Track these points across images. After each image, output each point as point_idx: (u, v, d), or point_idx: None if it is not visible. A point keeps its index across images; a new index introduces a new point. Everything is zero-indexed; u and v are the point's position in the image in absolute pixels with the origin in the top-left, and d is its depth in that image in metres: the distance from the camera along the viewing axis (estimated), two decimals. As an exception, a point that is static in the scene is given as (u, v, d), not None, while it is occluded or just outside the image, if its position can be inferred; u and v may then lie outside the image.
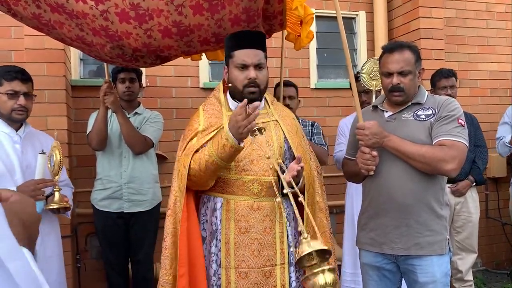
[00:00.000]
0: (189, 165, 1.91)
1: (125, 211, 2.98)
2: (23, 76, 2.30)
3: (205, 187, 1.99)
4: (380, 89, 3.24)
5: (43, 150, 2.26)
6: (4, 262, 0.68)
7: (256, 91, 1.98)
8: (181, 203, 1.95)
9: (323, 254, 1.57)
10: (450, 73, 3.43)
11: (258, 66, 1.98)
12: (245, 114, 1.72)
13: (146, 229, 3.05)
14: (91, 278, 3.59)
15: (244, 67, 1.96)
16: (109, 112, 3.08)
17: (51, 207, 2.24)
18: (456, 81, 3.45)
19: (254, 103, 1.78)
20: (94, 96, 3.63)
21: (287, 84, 3.22)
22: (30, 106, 2.35)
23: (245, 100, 1.77)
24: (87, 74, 3.80)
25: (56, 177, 2.27)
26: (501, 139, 3.55)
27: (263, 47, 2.04)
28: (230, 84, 2.00)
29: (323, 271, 1.53)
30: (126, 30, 2.24)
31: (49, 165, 2.28)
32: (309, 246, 1.55)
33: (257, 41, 2.02)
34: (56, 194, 2.26)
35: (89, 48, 2.51)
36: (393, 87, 2.04)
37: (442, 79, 3.42)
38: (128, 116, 2.99)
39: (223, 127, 1.86)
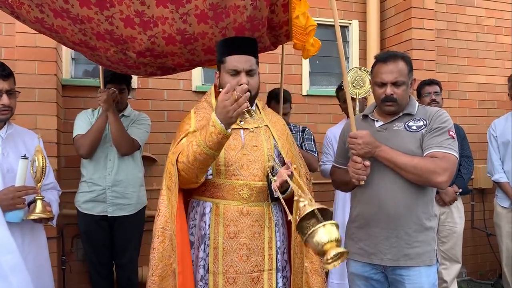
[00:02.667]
0: (177, 160, 1.88)
1: (108, 215, 2.95)
2: (3, 72, 2.11)
3: (194, 183, 1.94)
4: (363, 97, 3.29)
5: (25, 155, 2.07)
6: (9, 276, 0.68)
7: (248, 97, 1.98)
8: (170, 201, 1.92)
9: (324, 216, 1.53)
10: (434, 81, 3.53)
11: (250, 72, 1.98)
12: (233, 98, 1.71)
13: (131, 233, 3.02)
14: (76, 280, 3.55)
15: (235, 73, 1.96)
16: (97, 113, 3.04)
17: (32, 217, 2.05)
18: (440, 90, 3.50)
19: (242, 85, 1.77)
20: (85, 96, 3.60)
21: (284, 99, 3.19)
22: (14, 104, 2.19)
23: (228, 85, 1.76)
24: (79, 73, 3.77)
25: (39, 184, 2.09)
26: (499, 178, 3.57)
27: (255, 53, 2.04)
28: (221, 89, 2.00)
29: (324, 226, 1.48)
30: (131, 35, 2.25)
31: (31, 171, 2.09)
32: (310, 205, 1.52)
33: (249, 47, 2.03)
34: (38, 203, 2.07)
35: (91, 52, 2.50)
36: (386, 98, 2.04)
37: (425, 86, 3.51)
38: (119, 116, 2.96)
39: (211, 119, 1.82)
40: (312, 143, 3.29)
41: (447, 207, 3.47)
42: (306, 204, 1.56)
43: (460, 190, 3.46)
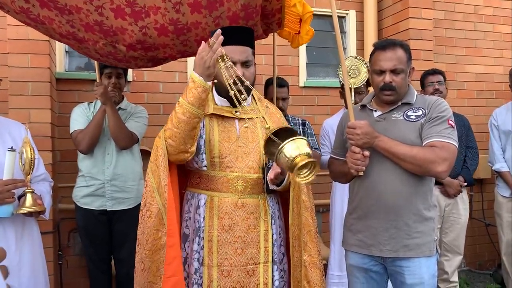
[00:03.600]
0: (164, 129, 1.86)
1: (108, 209, 2.92)
2: None
3: (184, 152, 1.88)
4: (359, 86, 3.25)
5: (12, 147, 1.98)
6: None
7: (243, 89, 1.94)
8: (155, 174, 1.87)
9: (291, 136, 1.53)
10: (437, 71, 3.51)
11: (246, 64, 1.94)
12: (207, 48, 1.70)
13: (130, 227, 2.97)
14: (73, 274, 3.53)
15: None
16: (93, 106, 3.01)
17: (22, 211, 1.97)
18: (444, 79, 3.48)
19: (217, 31, 1.74)
20: (79, 89, 3.57)
21: (281, 84, 3.18)
22: None
23: (209, 40, 1.74)
24: (73, 67, 3.72)
25: (28, 176, 2.00)
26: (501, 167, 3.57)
27: (251, 44, 2.00)
28: (216, 81, 1.96)
29: (293, 140, 1.48)
30: (121, 26, 2.18)
31: (20, 164, 2.01)
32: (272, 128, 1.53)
33: (245, 37, 1.98)
34: (28, 196, 2.00)
35: (79, 44, 2.43)
36: (385, 86, 2.02)
37: (428, 76, 3.49)
38: (116, 109, 2.92)
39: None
40: (315, 138, 3.28)
41: (453, 199, 3.45)
42: (269, 127, 1.59)
43: (466, 183, 3.44)
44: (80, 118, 2.93)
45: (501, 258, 3.65)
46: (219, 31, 1.73)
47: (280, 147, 1.49)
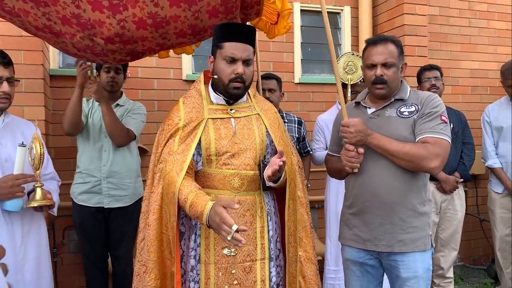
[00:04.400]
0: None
1: (105, 206, 2.91)
2: (4, 59, 2.08)
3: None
4: (356, 83, 3.26)
5: (22, 142, 2.04)
6: None
7: (241, 87, 1.94)
8: (173, 210, 1.86)
9: None
10: (433, 66, 3.52)
11: (247, 62, 1.93)
12: (230, 233, 1.62)
13: (127, 224, 2.99)
14: (68, 272, 3.52)
15: (232, 60, 1.90)
16: (92, 102, 3.00)
17: (32, 205, 2.02)
18: (441, 75, 3.49)
19: (244, 228, 1.70)
20: (73, 86, 3.50)
21: (268, 77, 3.20)
22: (13, 92, 2.15)
23: (234, 205, 1.73)
24: (66, 63, 3.70)
25: (37, 171, 2.06)
26: (493, 163, 3.58)
27: (253, 43, 1.99)
28: (215, 76, 1.95)
29: None
30: (99, 19, 2.15)
31: (30, 159, 2.07)
32: None
33: (249, 36, 1.97)
34: (38, 191, 2.05)
35: (56, 38, 2.37)
36: (376, 79, 2.03)
37: (425, 72, 3.50)
38: (111, 107, 2.91)
39: (205, 208, 1.75)
40: (307, 141, 3.30)
41: (449, 195, 3.46)
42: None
43: (462, 180, 3.45)
44: None
45: (495, 254, 3.68)
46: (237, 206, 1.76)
47: None
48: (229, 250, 1.89)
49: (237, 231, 1.61)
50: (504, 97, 3.61)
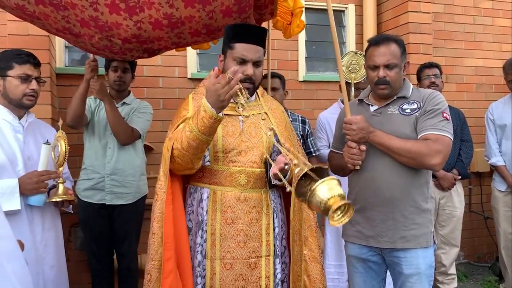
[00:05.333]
0: (172, 147, 1.86)
1: (107, 203, 2.93)
2: (34, 60, 2.20)
3: (191, 169, 1.93)
4: (360, 81, 3.27)
5: (47, 140, 2.15)
6: (3, 262, 0.67)
7: (250, 88, 1.96)
8: (165, 184, 1.90)
9: (321, 176, 1.49)
10: (433, 64, 3.52)
11: (257, 63, 1.95)
12: (224, 81, 1.68)
13: (130, 221, 3.01)
14: (74, 269, 3.55)
15: (242, 61, 1.92)
16: (98, 100, 3.02)
17: (55, 199, 2.12)
18: (440, 73, 3.49)
19: (233, 68, 1.72)
20: (79, 84, 3.55)
21: (271, 75, 3.21)
22: (39, 92, 2.25)
23: (216, 68, 1.74)
24: (73, 62, 3.73)
25: (61, 168, 2.16)
26: (497, 161, 3.59)
27: (264, 44, 2.00)
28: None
29: (323, 182, 1.42)
30: (116, 21, 2.21)
31: (53, 156, 2.16)
32: (303, 168, 1.49)
33: (260, 38, 1.98)
34: (60, 187, 2.15)
35: (76, 38, 2.46)
36: (379, 80, 2.04)
37: (424, 69, 3.50)
38: (115, 105, 2.94)
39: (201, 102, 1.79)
40: (312, 138, 3.31)
41: (447, 192, 3.47)
42: (300, 168, 1.52)
43: (460, 177, 3.46)
44: None
45: (499, 251, 3.68)
46: (236, 68, 1.73)
47: (311, 190, 1.45)
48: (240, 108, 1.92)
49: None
50: (508, 95, 3.61)
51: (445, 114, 2.00)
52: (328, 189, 1.46)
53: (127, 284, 3.08)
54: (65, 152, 2.14)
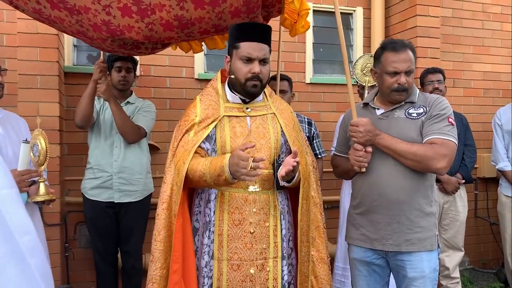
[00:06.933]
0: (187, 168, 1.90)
1: (115, 201, 2.95)
2: None
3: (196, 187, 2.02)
4: (374, 84, 3.26)
5: (26, 139, 2.09)
6: (27, 257, 0.67)
7: (258, 85, 1.96)
8: (177, 197, 1.91)
9: None
10: (437, 69, 3.50)
11: (263, 61, 1.95)
12: (248, 164, 1.71)
13: (136, 219, 3.03)
14: (79, 267, 3.57)
15: (249, 60, 1.92)
16: (103, 100, 3.05)
17: (38, 199, 2.06)
18: (444, 78, 3.47)
19: (262, 157, 1.78)
20: (87, 83, 3.55)
21: (280, 77, 3.21)
22: (3, 82, 2.19)
23: (249, 144, 1.79)
24: (81, 61, 3.75)
25: (42, 167, 2.09)
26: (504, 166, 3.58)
27: (269, 42, 2.01)
28: (232, 76, 1.97)
29: None
30: (128, 24, 2.27)
31: (32, 155, 2.09)
32: None
33: (264, 35, 1.99)
34: (41, 186, 2.09)
35: (91, 41, 2.55)
36: (400, 87, 2.04)
37: (428, 74, 3.48)
38: (120, 105, 2.95)
39: (224, 159, 1.83)
40: (319, 140, 3.30)
41: (451, 196, 3.46)
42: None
43: (464, 181, 3.45)
44: None
45: (505, 257, 3.66)
46: (264, 158, 1.81)
47: None
48: (254, 186, 1.93)
49: (254, 161, 1.70)
50: (516, 100, 3.59)
51: (450, 119, 2.02)
52: None
53: (131, 283, 3.08)
54: (46, 150, 2.06)
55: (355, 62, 3.36)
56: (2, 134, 2.12)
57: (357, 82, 3.46)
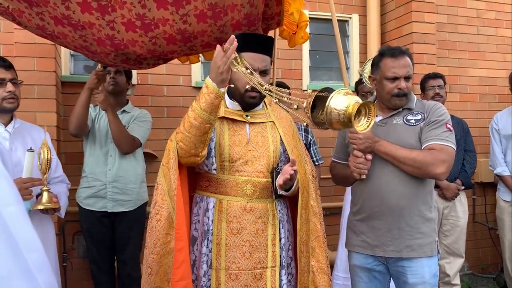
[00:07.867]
0: (176, 133, 1.89)
1: (108, 211, 2.94)
2: (4, 63, 2.21)
3: (195, 156, 1.89)
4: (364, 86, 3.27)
5: (31, 148, 2.15)
6: (35, 274, 0.67)
7: (257, 96, 1.96)
8: (166, 177, 1.87)
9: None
10: (438, 75, 3.53)
11: (264, 72, 1.95)
12: (222, 53, 1.71)
13: (132, 229, 3.02)
14: (77, 277, 3.55)
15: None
16: (98, 108, 3.05)
17: (38, 207, 2.13)
18: (444, 84, 3.49)
19: (231, 36, 1.74)
20: (84, 92, 3.59)
21: (277, 85, 3.21)
22: (19, 93, 2.24)
23: (223, 45, 1.76)
24: (78, 70, 3.75)
25: (45, 176, 2.16)
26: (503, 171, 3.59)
27: (270, 53, 2.02)
28: (232, 85, 1.97)
29: (337, 92, 1.39)
30: (132, 38, 2.29)
31: (38, 163, 2.17)
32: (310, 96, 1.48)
33: (267, 46, 1.99)
34: (45, 194, 2.15)
35: (93, 55, 2.57)
36: (400, 92, 2.07)
37: (429, 80, 3.51)
38: (118, 116, 2.95)
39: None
40: (316, 147, 3.30)
41: (450, 202, 3.46)
42: (307, 101, 1.49)
43: (463, 187, 3.45)
44: None
45: (504, 262, 3.66)
46: (233, 37, 1.74)
47: (326, 105, 1.41)
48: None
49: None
50: (513, 105, 3.61)
51: (448, 125, 2.04)
52: (343, 100, 1.41)
53: (128, 292, 3.07)
54: (48, 159, 2.14)
55: (364, 67, 3.37)
56: (9, 148, 2.17)
57: (356, 88, 3.48)
